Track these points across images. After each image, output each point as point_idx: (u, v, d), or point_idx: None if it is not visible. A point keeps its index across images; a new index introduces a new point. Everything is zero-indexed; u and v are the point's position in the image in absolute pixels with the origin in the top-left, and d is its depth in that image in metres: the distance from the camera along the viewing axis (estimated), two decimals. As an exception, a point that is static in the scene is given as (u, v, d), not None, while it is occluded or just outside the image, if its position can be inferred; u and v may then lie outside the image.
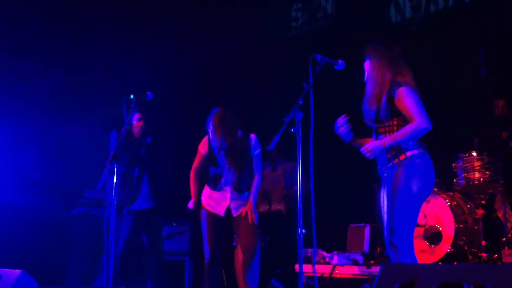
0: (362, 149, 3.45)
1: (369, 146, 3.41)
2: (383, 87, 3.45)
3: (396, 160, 3.38)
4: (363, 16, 6.53)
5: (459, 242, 4.90)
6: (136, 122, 5.18)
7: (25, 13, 6.51)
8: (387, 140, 3.37)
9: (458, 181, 5.14)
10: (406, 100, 3.36)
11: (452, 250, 4.87)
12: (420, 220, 5.00)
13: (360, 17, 6.54)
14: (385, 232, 3.40)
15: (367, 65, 3.60)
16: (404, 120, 3.38)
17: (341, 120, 3.62)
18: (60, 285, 5.26)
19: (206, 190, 4.89)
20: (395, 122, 3.42)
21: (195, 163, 4.94)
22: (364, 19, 6.47)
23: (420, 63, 5.69)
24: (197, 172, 4.92)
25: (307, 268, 4.94)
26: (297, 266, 4.44)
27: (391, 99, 3.41)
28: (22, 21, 6.54)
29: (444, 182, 5.31)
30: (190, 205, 4.86)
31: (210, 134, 4.86)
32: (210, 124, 4.86)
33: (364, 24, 6.39)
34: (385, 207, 3.43)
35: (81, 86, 7.30)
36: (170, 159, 7.75)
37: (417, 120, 3.31)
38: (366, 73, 3.61)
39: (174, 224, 6.79)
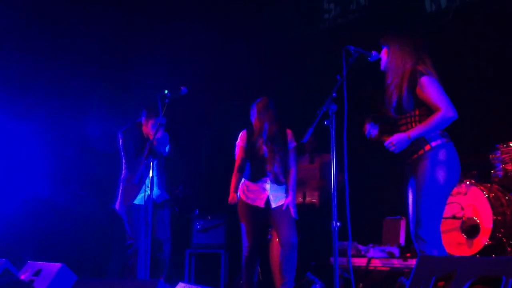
0: (386, 143, 3.39)
1: (394, 139, 3.35)
2: (403, 77, 3.38)
3: (421, 151, 3.33)
4: (396, 6, 6.44)
5: (497, 234, 4.82)
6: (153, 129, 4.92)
7: (61, 13, 6.63)
8: (412, 131, 3.31)
9: (496, 173, 5.06)
10: (429, 89, 3.29)
11: (490, 242, 4.79)
12: (457, 212, 4.93)
13: (394, 8, 6.46)
14: (411, 225, 3.37)
15: (384, 53, 3.53)
16: (427, 110, 3.32)
17: (367, 125, 3.60)
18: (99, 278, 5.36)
19: (244, 182, 4.89)
20: (417, 113, 3.36)
21: (238, 160, 4.91)
22: (397, 10, 6.39)
23: (455, 52, 5.63)
24: (240, 170, 4.90)
25: (342, 261, 4.93)
26: (332, 259, 4.44)
27: (412, 89, 3.34)
28: (58, 21, 6.66)
29: (482, 174, 5.22)
30: (234, 200, 4.85)
31: (253, 122, 4.87)
32: (254, 111, 4.88)
33: (398, 15, 6.31)
34: (410, 199, 3.40)
35: (119, 82, 7.40)
36: (204, 153, 7.81)
37: (443, 109, 3.24)
38: (383, 62, 3.54)
39: (209, 218, 6.85)
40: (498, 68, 5.56)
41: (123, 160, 5.13)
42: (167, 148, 4.99)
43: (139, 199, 5.15)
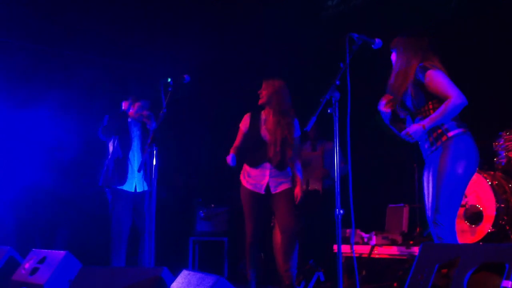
0: (402, 133, 3.49)
1: (410, 129, 3.44)
2: (407, 75, 3.49)
3: (439, 143, 3.42)
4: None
5: (500, 222, 4.82)
6: (140, 110, 5.36)
7: (62, 1, 6.61)
8: (426, 121, 3.40)
9: (499, 160, 5.05)
10: (436, 80, 3.39)
11: (493, 230, 4.79)
12: (460, 200, 4.94)
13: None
14: (429, 212, 3.43)
15: (393, 57, 3.65)
16: (439, 102, 3.41)
17: (386, 99, 3.63)
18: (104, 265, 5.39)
19: (245, 168, 4.88)
20: (430, 106, 3.45)
21: (236, 142, 4.88)
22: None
23: (459, 40, 5.60)
24: (236, 149, 4.84)
25: (345, 249, 4.95)
26: (335, 247, 4.45)
27: (420, 85, 3.44)
28: (59, 9, 6.64)
29: (485, 161, 5.22)
30: (229, 159, 4.72)
31: (260, 99, 4.84)
32: (264, 89, 4.83)
33: (401, 1, 6.26)
34: (430, 189, 3.44)
35: (121, 71, 7.39)
36: (208, 141, 7.82)
37: (453, 97, 3.34)
38: (394, 64, 3.65)
39: (213, 206, 6.87)
40: (501, 54, 5.53)
41: (108, 142, 5.38)
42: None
43: (127, 185, 5.23)
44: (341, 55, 3.41)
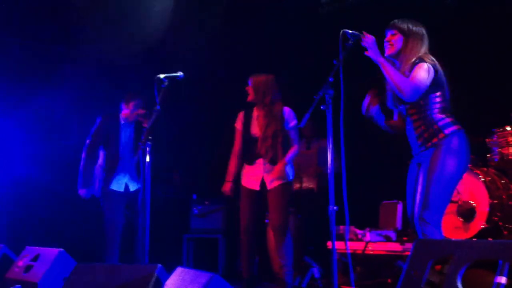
0: (364, 37, 3.40)
1: (369, 38, 3.39)
2: (407, 67, 3.42)
3: (435, 140, 3.35)
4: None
5: (493, 218, 4.84)
6: (136, 109, 5.31)
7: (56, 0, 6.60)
8: (384, 62, 3.36)
9: (492, 157, 5.07)
10: (417, 70, 3.31)
11: (486, 226, 4.81)
12: (454, 196, 4.95)
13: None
14: (416, 208, 3.40)
15: (391, 37, 3.51)
16: (427, 98, 3.36)
17: (368, 97, 3.59)
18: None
19: (243, 165, 4.89)
20: (421, 102, 3.39)
21: (236, 145, 4.89)
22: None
23: (456, 37, 5.61)
24: (238, 155, 4.87)
25: (339, 245, 4.96)
26: (329, 243, 4.46)
27: None
28: (54, 8, 6.61)
29: (479, 158, 5.24)
30: (226, 188, 4.84)
31: (248, 98, 4.84)
32: (253, 84, 4.82)
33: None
34: (420, 186, 3.42)
35: (114, 68, 7.37)
36: (203, 137, 7.82)
37: (414, 85, 3.28)
38: (395, 46, 3.51)
39: (207, 203, 6.86)
40: (495, 52, 5.55)
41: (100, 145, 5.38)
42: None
43: (116, 185, 5.22)
44: (336, 52, 3.40)
